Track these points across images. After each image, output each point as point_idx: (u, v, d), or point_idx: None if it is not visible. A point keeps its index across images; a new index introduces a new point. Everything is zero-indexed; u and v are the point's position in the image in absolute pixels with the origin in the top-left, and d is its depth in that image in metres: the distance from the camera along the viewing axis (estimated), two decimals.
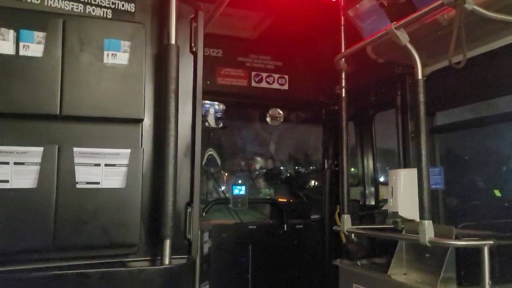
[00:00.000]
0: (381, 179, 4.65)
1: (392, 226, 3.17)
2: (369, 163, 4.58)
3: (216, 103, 4.63)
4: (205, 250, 3.90)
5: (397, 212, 2.99)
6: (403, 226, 3.03)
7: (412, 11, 3.06)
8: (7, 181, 1.72)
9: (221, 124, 4.66)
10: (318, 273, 4.61)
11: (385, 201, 3.87)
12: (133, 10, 2.02)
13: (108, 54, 1.88)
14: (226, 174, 5.29)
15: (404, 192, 2.96)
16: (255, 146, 5.68)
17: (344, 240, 3.85)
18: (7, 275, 1.69)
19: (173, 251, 1.92)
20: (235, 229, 4.48)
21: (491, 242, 2.23)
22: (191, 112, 2.13)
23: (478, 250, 2.26)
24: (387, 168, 4.74)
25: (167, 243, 1.88)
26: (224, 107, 4.62)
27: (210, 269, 3.72)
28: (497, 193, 3.92)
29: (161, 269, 1.87)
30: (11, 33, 1.76)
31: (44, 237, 1.74)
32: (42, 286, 1.69)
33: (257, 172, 5.45)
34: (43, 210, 1.74)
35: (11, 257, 1.72)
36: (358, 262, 3.25)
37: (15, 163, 1.73)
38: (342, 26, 3.33)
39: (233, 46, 4.48)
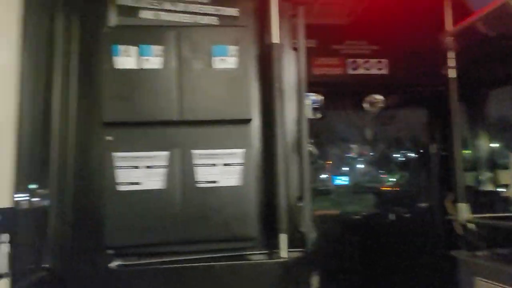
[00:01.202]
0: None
1: None
2: (484, 146, 4.22)
3: (313, 94, 4.60)
4: (312, 240, 3.94)
5: None
6: None
7: None
8: (139, 183, 1.92)
9: (319, 115, 4.63)
10: (430, 265, 4.39)
11: (505, 186, 3.56)
12: (237, 15, 2.10)
13: (216, 60, 1.98)
14: (330, 162, 5.24)
15: None
16: (353, 134, 5.56)
17: (458, 230, 3.62)
18: (143, 267, 1.89)
19: (289, 244, 1.97)
20: (340, 220, 4.44)
21: None
22: (296, 108, 2.16)
23: None
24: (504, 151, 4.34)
25: (284, 236, 1.94)
26: (321, 98, 4.58)
27: (318, 260, 3.75)
28: None
29: (279, 262, 1.94)
30: (134, 49, 1.94)
31: (173, 232, 1.91)
32: (175, 277, 1.85)
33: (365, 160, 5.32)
34: (171, 207, 1.90)
35: (145, 250, 1.92)
36: (480, 253, 3.04)
37: (146, 167, 1.92)
38: (447, 1, 3.10)
39: (327, 35, 4.40)
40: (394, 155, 5.36)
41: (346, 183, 4.41)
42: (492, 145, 4.29)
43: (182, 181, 1.93)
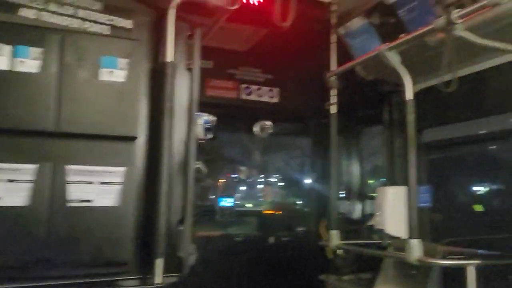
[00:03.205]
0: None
1: (379, 241, 3.21)
2: (356, 178, 4.63)
3: (205, 114, 4.61)
4: (191, 262, 3.88)
5: (383, 229, 3.03)
6: (389, 242, 3.07)
7: (402, 31, 3.14)
8: None
9: (210, 135, 4.64)
10: (304, 287, 4.62)
11: (371, 215, 3.92)
12: (130, 27, 2.02)
13: (104, 71, 1.87)
14: (218, 183, 5.27)
15: (391, 210, 3.01)
16: (244, 156, 5.69)
17: (330, 254, 3.88)
18: None
19: (165, 269, 1.91)
20: (221, 241, 4.47)
21: (477, 261, 2.28)
22: (186, 129, 2.13)
23: (463, 270, 2.30)
24: (370, 182, 4.80)
25: (159, 261, 1.87)
26: (213, 119, 4.61)
27: (196, 281, 3.69)
28: (479, 208, 4.01)
29: None
30: (7, 48, 1.74)
31: (34, 255, 1.71)
32: None
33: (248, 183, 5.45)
34: (35, 227, 1.71)
35: (2, 274, 1.69)
36: (345, 278, 3.28)
37: (8, 181, 1.70)
38: (333, 44, 3.37)
39: (224, 58, 4.49)
40: (278, 180, 5.60)
41: (231, 205, 4.46)
42: (364, 177, 4.71)
43: (51, 199, 1.75)
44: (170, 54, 1.95)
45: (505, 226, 3.32)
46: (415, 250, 2.32)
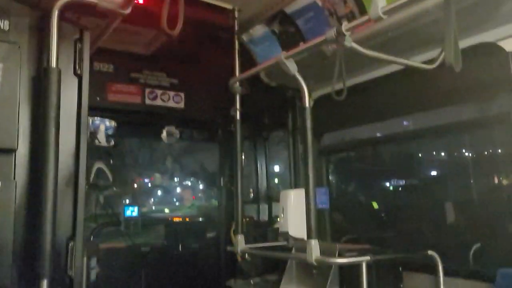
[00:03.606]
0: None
1: (284, 243, 3.30)
2: (263, 181, 4.73)
3: (107, 119, 4.40)
4: (93, 277, 3.67)
5: (287, 231, 3.13)
6: (293, 243, 3.17)
7: (300, 39, 3.27)
8: None
9: (112, 142, 4.44)
10: None
11: (277, 218, 4.03)
12: (7, 29, 1.84)
13: None
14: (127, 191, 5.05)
15: (293, 212, 3.11)
16: (151, 163, 5.53)
17: (239, 259, 3.91)
18: None
19: None
20: (127, 252, 4.28)
21: (368, 258, 2.44)
22: (75, 139, 1.99)
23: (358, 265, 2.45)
24: (277, 185, 4.95)
25: (45, 283, 1.72)
26: (115, 124, 4.41)
27: None
28: (375, 205, 4.32)
29: None
30: None
31: None
32: None
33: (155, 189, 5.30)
34: None
35: None
36: (251, 281, 3.32)
37: None
38: (236, 50, 3.41)
39: (126, 62, 4.32)
40: (187, 187, 5.53)
41: (136, 214, 4.29)
42: (270, 181, 4.83)
43: None
44: (53, 59, 1.80)
45: (393, 223, 3.63)
46: (314, 250, 2.41)
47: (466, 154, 3.14)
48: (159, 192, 5.85)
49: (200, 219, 5.29)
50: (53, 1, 1.85)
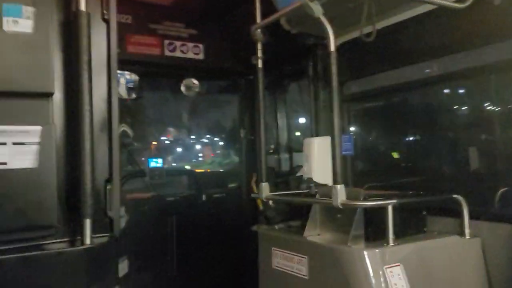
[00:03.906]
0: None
1: (307, 190, 3.36)
2: (284, 131, 4.75)
3: (127, 72, 4.39)
4: (123, 224, 3.81)
5: (312, 178, 3.17)
6: (316, 190, 3.22)
7: None
8: None
9: (134, 95, 4.46)
10: (238, 239, 4.76)
11: (299, 167, 4.08)
12: None
13: (8, 21, 1.69)
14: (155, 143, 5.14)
15: (317, 159, 3.14)
16: (171, 117, 5.57)
17: (261, 206, 4.00)
18: None
19: (94, 229, 1.85)
20: (154, 202, 4.42)
21: (394, 201, 2.48)
22: (106, 84, 2.02)
23: (383, 209, 2.49)
24: (297, 135, 4.96)
25: (87, 222, 1.80)
26: (136, 78, 4.42)
27: (129, 244, 3.65)
28: (395, 155, 4.33)
29: (81, 249, 1.80)
30: None
31: None
32: None
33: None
34: None
35: None
36: (276, 226, 3.41)
37: None
38: None
39: (144, 12, 4.26)
40: (209, 139, 5.59)
41: (160, 165, 4.39)
42: (291, 131, 4.85)
43: None
44: (82, 2, 1.79)
45: (417, 170, 3.63)
46: (340, 194, 2.45)
47: (494, 98, 3.08)
48: (179, 148, 5.91)
49: (221, 170, 5.37)
50: None
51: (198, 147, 5.62)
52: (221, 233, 4.70)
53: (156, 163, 4.42)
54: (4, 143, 1.69)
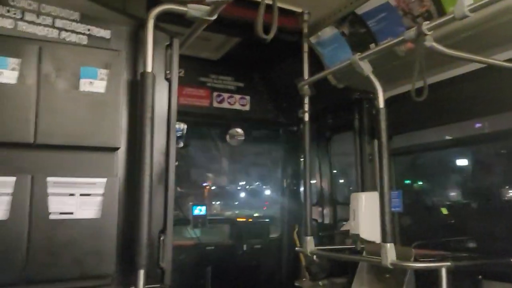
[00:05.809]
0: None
1: (352, 246, 3.28)
2: (327, 183, 4.71)
3: (176, 122, 4.58)
4: None
5: (358, 234, 3.11)
6: (363, 246, 3.15)
7: (371, 40, 3.26)
8: None
9: (182, 144, 4.61)
10: None
11: (343, 221, 4.01)
12: (108, 37, 1.99)
13: (84, 82, 1.84)
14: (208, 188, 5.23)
15: (365, 215, 3.09)
16: (214, 164, 5.68)
17: (303, 260, 3.93)
18: None
19: (147, 280, 1.88)
20: (194, 250, 4.43)
21: (448, 264, 2.38)
22: (165, 139, 2.13)
23: (435, 271, 2.39)
24: (341, 188, 4.90)
25: (141, 273, 1.84)
26: (184, 127, 4.59)
27: None
28: (444, 211, 4.18)
29: None
30: None
31: (15, 271, 1.65)
32: None
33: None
34: (14, 242, 1.66)
35: None
36: (320, 283, 3.33)
37: None
38: (305, 53, 3.44)
39: (195, 66, 4.50)
40: (250, 188, 5.62)
41: (204, 213, 4.43)
42: (334, 183, 4.80)
43: (30, 212, 1.70)
44: (149, 64, 1.94)
45: (467, 228, 3.49)
46: (389, 254, 2.38)
47: None
48: (221, 196, 5.97)
49: (263, 220, 5.34)
50: (148, 10, 1.99)
51: (242, 195, 5.66)
52: (260, 286, 4.61)
53: (200, 210, 4.47)
54: (73, 194, 1.80)
